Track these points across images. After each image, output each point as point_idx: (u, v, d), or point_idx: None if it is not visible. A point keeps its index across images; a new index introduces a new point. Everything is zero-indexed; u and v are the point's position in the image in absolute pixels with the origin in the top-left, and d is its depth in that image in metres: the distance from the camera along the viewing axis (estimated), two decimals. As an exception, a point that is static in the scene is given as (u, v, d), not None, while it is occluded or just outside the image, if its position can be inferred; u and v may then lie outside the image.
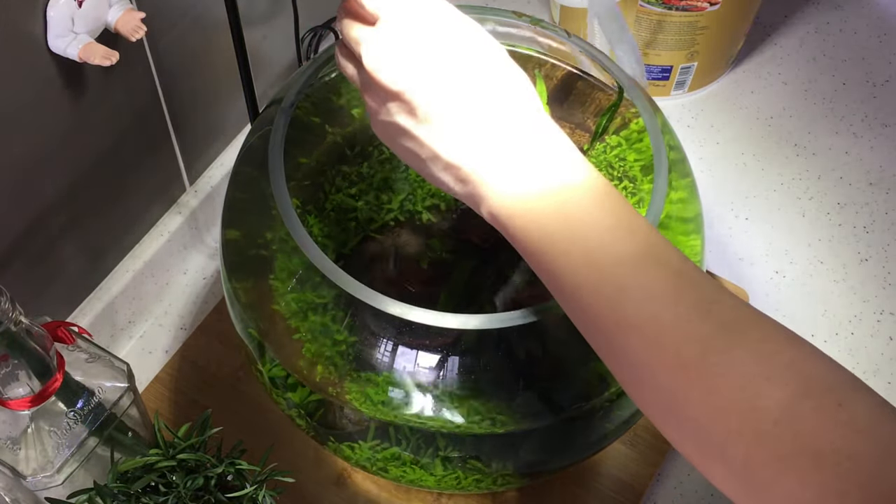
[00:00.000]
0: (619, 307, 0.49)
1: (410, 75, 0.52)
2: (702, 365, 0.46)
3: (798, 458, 0.43)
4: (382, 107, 0.54)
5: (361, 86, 0.55)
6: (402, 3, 0.53)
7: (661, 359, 0.47)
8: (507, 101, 0.52)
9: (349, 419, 0.67)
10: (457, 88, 0.52)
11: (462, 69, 0.52)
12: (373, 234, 0.72)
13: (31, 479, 0.63)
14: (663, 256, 0.50)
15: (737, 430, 0.45)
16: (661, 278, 0.49)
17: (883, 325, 0.90)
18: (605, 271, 0.49)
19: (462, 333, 0.65)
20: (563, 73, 0.74)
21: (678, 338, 0.47)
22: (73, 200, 0.75)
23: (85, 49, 0.64)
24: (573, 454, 0.69)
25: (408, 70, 0.52)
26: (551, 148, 0.52)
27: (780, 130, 1.03)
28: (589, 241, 0.50)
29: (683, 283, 0.49)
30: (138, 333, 0.88)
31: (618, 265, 0.49)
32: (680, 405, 0.47)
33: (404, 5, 0.52)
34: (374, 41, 0.52)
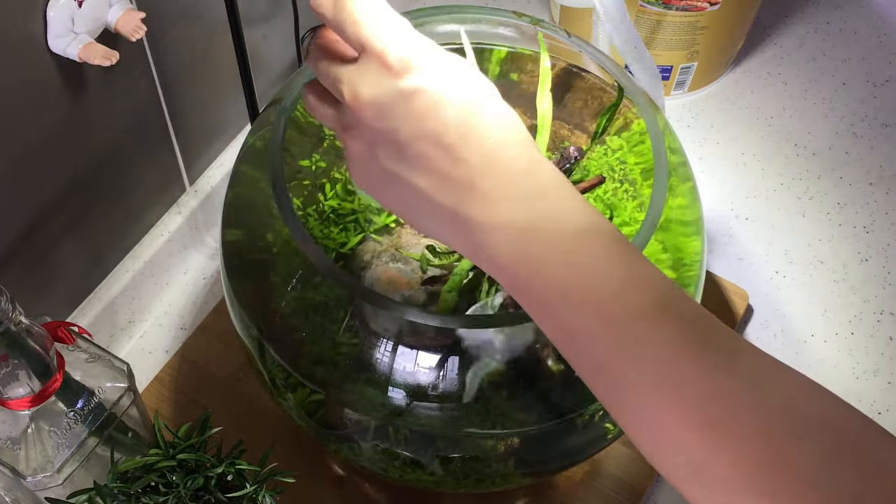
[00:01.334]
0: (638, 363, 0.45)
1: (400, 114, 0.47)
2: (731, 423, 0.44)
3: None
4: (368, 150, 0.49)
5: (342, 128, 0.51)
6: (393, 37, 0.48)
7: (687, 417, 0.44)
8: (505, 145, 0.48)
9: (349, 419, 0.67)
10: (453, 129, 0.47)
11: (457, 109, 0.47)
12: (373, 234, 0.72)
13: (31, 479, 0.63)
14: (680, 306, 0.46)
15: (771, 491, 0.43)
16: (681, 330, 0.46)
17: (883, 325, 0.90)
18: (622, 325, 0.45)
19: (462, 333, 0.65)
20: (564, 73, 0.74)
21: (704, 393, 0.44)
22: (73, 200, 0.75)
23: (85, 49, 0.64)
24: (573, 454, 0.69)
25: (398, 107, 0.47)
26: (555, 194, 0.48)
27: (780, 130, 1.03)
28: (601, 293, 0.46)
29: (704, 334, 0.46)
30: (138, 333, 0.88)
31: (635, 319, 0.45)
32: (708, 466, 0.44)
33: (395, 39, 0.48)
34: (358, 76, 0.48)
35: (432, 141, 0.47)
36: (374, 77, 0.47)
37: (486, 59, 0.76)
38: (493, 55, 0.76)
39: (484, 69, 0.76)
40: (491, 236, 0.47)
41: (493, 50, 0.75)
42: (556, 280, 0.46)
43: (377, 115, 0.47)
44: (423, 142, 0.47)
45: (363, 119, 0.48)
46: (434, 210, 0.48)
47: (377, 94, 0.47)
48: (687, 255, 0.67)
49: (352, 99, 0.48)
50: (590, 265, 0.46)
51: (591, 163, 0.73)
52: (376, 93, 0.47)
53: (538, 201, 0.47)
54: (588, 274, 0.46)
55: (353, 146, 0.50)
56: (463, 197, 0.47)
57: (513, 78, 0.77)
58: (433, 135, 0.47)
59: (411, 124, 0.47)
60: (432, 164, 0.47)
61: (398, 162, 0.48)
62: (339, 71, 0.49)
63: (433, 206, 0.48)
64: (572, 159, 0.67)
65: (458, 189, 0.47)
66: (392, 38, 0.47)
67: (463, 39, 0.68)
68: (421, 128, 0.47)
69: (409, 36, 0.48)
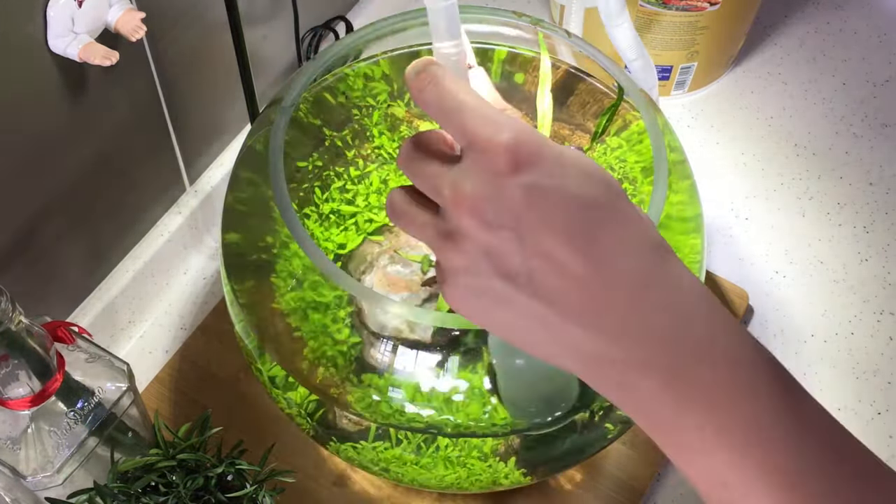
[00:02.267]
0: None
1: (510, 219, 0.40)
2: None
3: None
4: (470, 264, 0.41)
5: (439, 236, 0.42)
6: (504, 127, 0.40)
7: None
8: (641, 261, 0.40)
9: (350, 419, 0.67)
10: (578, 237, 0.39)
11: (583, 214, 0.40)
12: (372, 235, 0.72)
13: (31, 479, 0.63)
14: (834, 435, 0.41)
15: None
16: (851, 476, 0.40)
17: (883, 325, 0.90)
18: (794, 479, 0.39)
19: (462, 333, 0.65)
20: (564, 74, 0.74)
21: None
22: (74, 200, 0.75)
23: (85, 49, 0.64)
24: (573, 454, 0.69)
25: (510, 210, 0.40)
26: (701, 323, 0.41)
27: (780, 130, 1.03)
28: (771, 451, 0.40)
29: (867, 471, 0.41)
30: (138, 333, 0.88)
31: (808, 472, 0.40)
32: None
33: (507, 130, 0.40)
34: (463, 174, 0.40)
35: (552, 252, 0.39)
36: (482, 174, 0.40)
37: (487, 59, 0.76)
38: (494, 55, 0.76)
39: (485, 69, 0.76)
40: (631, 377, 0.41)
41: (494, 50, 0.75)
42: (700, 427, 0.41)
43: (484, 220, 0.40)
44: (540, 253, 0.39)
45: (466, 225, 0.41)
46: (554, 336, 0.41)
47: (485, 194, 0.40)
48: (686, 253, 0.67)
49: (454, 201, 0.41)
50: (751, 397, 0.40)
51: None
52: (484, 193, 0.40)
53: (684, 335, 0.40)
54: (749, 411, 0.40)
55: (452, 259, 0.42)
56: (590, 322, 0.40)
57: (513, 78, 0.77)
58: (553, 244, 0.39)
59: (525, 230, 0.39)
60: (553, 279, 0.40)
61: (509, 278, 0.40)
62: (440, 169, 0.42)
63: (553, 332, 0.41)
64: (572, 159, 0.67)
65: (585, 313, 0.40)
66: (503, 129, 0.40)
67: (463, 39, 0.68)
68: (537, 235, 0.39)
69: (523, 128, 0.40)
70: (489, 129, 0.40)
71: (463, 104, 0.41)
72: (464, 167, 0.41)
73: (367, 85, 0.76)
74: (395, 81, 0.76)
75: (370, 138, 0.75)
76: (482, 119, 0.41)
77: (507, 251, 0.40)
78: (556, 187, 0.39)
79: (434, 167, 0.42)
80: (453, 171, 0.41)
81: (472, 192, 0.40)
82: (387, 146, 0.75)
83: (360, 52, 0.74)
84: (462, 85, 0.42)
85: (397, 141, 0.75)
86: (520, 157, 0.39)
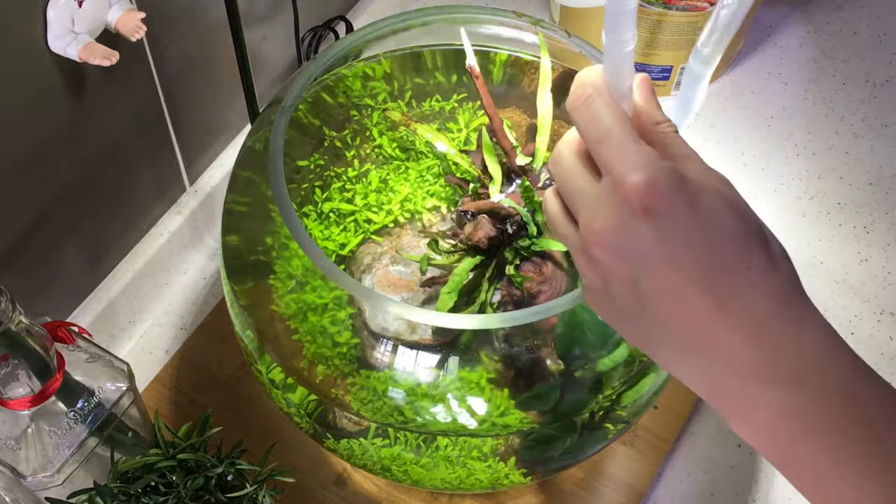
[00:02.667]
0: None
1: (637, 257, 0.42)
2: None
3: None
4: (602, 284, 0.45)
5: (575, 250, 0.46)
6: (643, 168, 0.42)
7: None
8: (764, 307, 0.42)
9: (349, 419, 0.67)
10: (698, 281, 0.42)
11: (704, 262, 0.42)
12: (372, 235, 0.72)
13: (31, 478, 0.63)
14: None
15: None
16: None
17: (883, 325, 0.90)
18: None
19: (462, 333, 0.65)
20: (564, 73, 0.74)
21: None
22: (74, 200, 0.75)
23: (85, 49, 0.64)
24: (573, 454, 0.69)
25: (636, 250, 0.42)
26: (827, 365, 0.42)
27: (780, 130, 1.03)
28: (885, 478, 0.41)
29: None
30: (138, 333, 0.88)
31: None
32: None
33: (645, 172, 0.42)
34: (597, 204, 0.43)
35: (676, 297, 0.42)
36: (614, 210, 0.43)
37: (487, 58, 0.76)
38: (494, 56, 0.76)
39: (485, 69, 0.76)
40: (749, 409, 0.43)
41: (494, 50, 0.75)
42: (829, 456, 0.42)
43: (612, 253, 0.43)
44: (665, 295, 0.42)
45: (597, 254, 0.44)
46: (680, 364, 0.44)
47: (612, 230, 0.43)
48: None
49: (586, 229, 0.44)
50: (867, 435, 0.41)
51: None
52: (611, 229, 0.43)
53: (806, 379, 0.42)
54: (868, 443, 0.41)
55: (587, 273, 0.46)
56: (714, 363, 0.42)
57: (512, 77, 0.77)
58: (677, 290, 0.42)
59: (651, 273, 0.42)
60: (676, 319, 0.42)
61: (636, 306, 0.44)
62: (578, 191, 0.45)
63: (680, 362, 0.44)
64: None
65: (708, 353, 0.42)
66: (638, 169, 0.42)
67: (463, 39, 0.68)
68: (662, 279, 0.42)
69: (659, 169, 0.42)
70: (626, 167, 0.42)
71: (607, 135, 0.43)
72: (600, 196, 0.43)
73: (367, 85, 0.76)
74: (395, 81, 0.76)
75: (370, 138, 0.75)
76: (621, 155, 0.42)
77: (630, 284, 0.43)
78: (685, 231, 0.42)
79: (576, 183, 0.45)
80: (590, 195, 0.44)
81: (602, 228, 0.43)
82: (386, 146, 0.75)
83: (360, 52, 0.74)
84: (612, 111, 0.44)
85: (397, 141, 0.75)
86: (652, 199, 0.41)
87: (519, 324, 0.59)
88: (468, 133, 0.76)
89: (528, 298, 0.65)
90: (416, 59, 0.76)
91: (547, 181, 0.69)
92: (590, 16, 1.00)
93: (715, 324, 0.42)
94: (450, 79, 0.77)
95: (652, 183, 0.42)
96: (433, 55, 0.76)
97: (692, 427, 0.83)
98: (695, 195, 0.42)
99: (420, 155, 0.75)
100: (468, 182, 0.71)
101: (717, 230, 0.42)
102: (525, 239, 0.66)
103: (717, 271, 0.42)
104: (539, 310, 0.59)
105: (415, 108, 0.76)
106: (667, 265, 0.42)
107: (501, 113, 0.74)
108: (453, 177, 0.72)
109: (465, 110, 0.77)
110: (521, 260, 0.66)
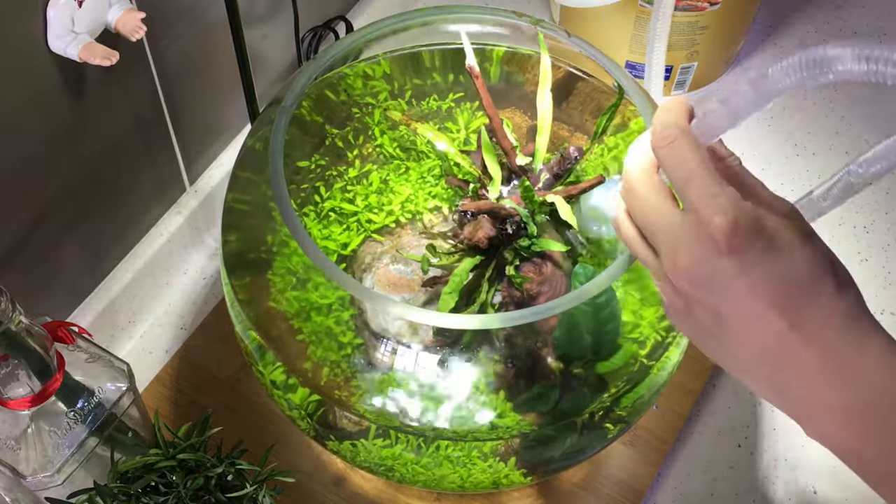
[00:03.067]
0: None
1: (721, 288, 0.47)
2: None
3: None
4: (685, 307, 0.50)
5: (656, 276, 0.51)
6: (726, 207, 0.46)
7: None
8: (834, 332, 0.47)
9: (350, 420, 0.67)
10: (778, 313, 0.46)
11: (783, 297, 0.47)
12: (373, 235, 0.72)
13: (31, 478, 0.63)
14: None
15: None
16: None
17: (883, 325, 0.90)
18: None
19: (463, 334, 0.65)
20: (563, 74, 0.74)
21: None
22: (73, 200, 0.75)
23: (85, 49, 0.64)
24: (573, 454, 0.69)
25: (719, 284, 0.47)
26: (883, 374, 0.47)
27: (780, 130, 1.03)
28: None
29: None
30: (138, 333, 0.88)
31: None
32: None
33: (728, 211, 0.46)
34: (680, 239, 0.48)
35: (755, 319, 0.47)
36: (698, 247, 0.47)
37: (487, 59, 0.76)
38: (494, 55, 0.76)
39: (485, 69, 0.76)
40: (816, 412, 0.48)
41: (494, 50, 0.75)
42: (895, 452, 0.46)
43: (696, 285, 0.48)
44: (744, 318, 0.47)
45: (681, 283, 0.48)
46: (750, 373, 0.50)
47: (698, 265, 0.47)
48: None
49: (670, 263, 0.48)
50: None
51: (590, 163, 0.73)
52: (698, 264, 0.47)
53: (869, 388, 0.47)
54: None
55: (670, 297, 0.50)
56: (783, 373, 0.48)
57: (513, 78, 0.77)
58: (757, 314, 0.47)
59: (733, 301, 0.47)
60: (752, 338, 0.48)
61: (715, 326, 0.49)
62: (659, 224, 0.49)
63: (749, 371, 0.49)
64: (572, 159, 0.68)
65: (778, 365, 0.48)
66: (724, 209, 0.46)
67: (463, 39, 0.68)
68: (743, 306, 0.47)
69: (742, 208, 0.46)
70: (711, 208, 0.46)
71: (692, 175, 0.47)
72: (682, 231, 0.48)
73: (368, 84, 0.76)
74: (395, 81, 0.76)
75: (371, 137, 0.75)
76: (706, 196, 0.46)
77: (712, 312, 0.48)
78: (765, 266, 0.46)
79: (656, 217, 0.49)
80: (672, 230, 0.48)
81: (688, 263, 0.47)
82: (387, 145, 0.75)
83: (361, 51, 0.74)
84: (696, 154, 0.48)
85: (398, 140, 0.75)
86: (735, 240, 0.46)
87: (519, 324, 0.59)
88: (467, 134, 0.76)
89: (527, 299, 0.65)
90: (415, 60, 0.76)
91: (547, 181, 0.69)
92: (590, 16, 1.00)
93: (789, 341, 0.47)
94: (447, 78, 0.77)
95: (735, 224, 0.46)
96: (432, 55, 0.76)
97: (692, 427, 0.83)
98: (773, 232, 0.47)
99: (421, 155, 0.75)
100: (468, 183, 0.71)
101: (792, 262, 0.47)
102: (525, 239, 0.66)
103: (792, 298, 0.46)
104: (539, 310, 0.59)
105: (415, 106, 0.76)
106: (748, 295, 0.46)
107: (501, 114, 0.74)
108: (454, 178, 0.72)
109: (463, 110, 0.77)
110: (521, 260, 0.66)
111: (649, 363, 0.66)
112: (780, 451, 0.83)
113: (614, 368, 0.65)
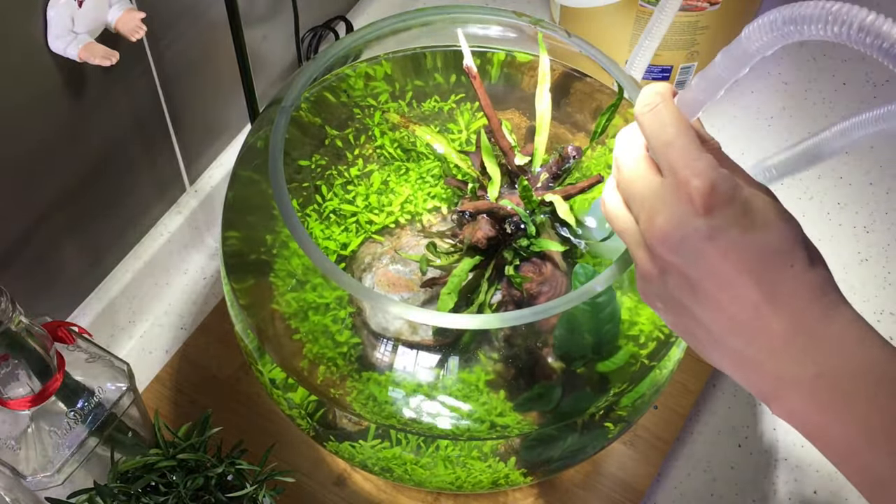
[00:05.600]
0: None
1: (695, 251, 0.47)
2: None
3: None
4: (658, 274, 0.49)
5: (633, 244, 0.51)
6: (704, 169, 0.46)
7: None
8: (809, 301, 0.47)
9: (350, 420, 0.67)
10: (752, 279, 0.46)
11: (759, 259, 0.46)
12: (373, 235, 0.72)
13: (31, 478, 0.63)
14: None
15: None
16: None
17: (883, 325, 0.90)
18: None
19: (463, 334, 0.65)
20: (563, 74, 0.74)
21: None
22: (74, 200, 0.75)
23: (85, 49, 0.64)
24: (573, 454, 0.69)
25: (695, 246, 0.47)
26: (851, 344, 0.46)
27: (780, 130, 1.03)
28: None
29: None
30: (138, 333, 0.88)
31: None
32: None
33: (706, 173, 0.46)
34: (658, 202, 0.48)
35: (727, 286, 0.47)
36: (675, 208, 0.47)
37: (486, 59, 0.76)
38: (493, 56, 0.76)
39: (484, 70, 0.76)
40: (783, 387, 0.47)
41: (493, 50, 0.75)
42: (859, 426, 0.45)
43: (672, 248, 0.47)
44: (717, 285, 0.47)
45: (655, 247, 0.48)
46: (719, 347, 0.49)
47: (675, 227, 0.47)
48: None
49: (647, 225, 0.48)
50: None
51: (590, 163, 0.73)
52: (674, 225, 0.47)
53: (836, 357, 0.46)
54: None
55: (642, 265, 0.50)
56: (753, 345, 0.47)
57: (513, 79, 0.77)
58: (729, 280, 0.46)
59: (707, 265, 0.47)
60: (724, 307, 0.47)
61: (688, 295, 0.48)
62: (641, 191, 0.49)
63: (719, 345, 0.49)
64: (571, 159, 0.67)
65: (749, 336, 0.47)
66: (702, 171, 0.46)
67: (460, 39, 0.68)
68: (716, 271, 0.47)
69: (719, 174, 0.47)
70: (691, 170, 0.47)
71: (672, 140, 0.48)
72: (661, 195, 0.48)
73: (368, 85, 0.76)
74: (396, 82, 0.76)
75: (372, 138, 0.75)
76: (686, 160, 0.47)
77: (685, 276, 0.48)
78: (739, 231, 0.46)
79: (641, 183, 0.49)
80: (653, 195, 0.48)
81: (665, 222, 0.47)
82: (388, 146, 0.75)
83: (361, 52, 0.74)
84: (678, 120, 0.48)
85: (398, 141, 0.75)
86: (711, 201, 0.46)
87: (519, 324, 0.59)
88: (468, 134, 0.76)
89: (527, 299, 0.65)
90: (415, 61, 0.76)
91: (546, 181, 0.69)
92: (590, 16, 1.00)
93: (760, 312, 0.46)
94: (448, 79, 0.77)
95: (713, 186, 0.46)
96: (433, 56, 0.76)
97: (692, 427, 0.83)
98: (749, 200, 0.47)
99: (421, 156, 0.75)
100: (467, 183, 0.71)
101: (766, 231, 0.47)
102: (524, 239, 0.66)
103: (764, 267, 0.46)
104: (539, 310, 0.59)
105: (415, 108, 0.76)
106: (721, 258, 0.46)
107: (501, 115, 0.74)
108: (453, 179, 0.72)
109: (463, 111, 0.77)
110: (521, 260, 0.66)
111: (650, 363, 0.66)
112: (780, 451, 0.83)
113: (615, 368, 0.65)
